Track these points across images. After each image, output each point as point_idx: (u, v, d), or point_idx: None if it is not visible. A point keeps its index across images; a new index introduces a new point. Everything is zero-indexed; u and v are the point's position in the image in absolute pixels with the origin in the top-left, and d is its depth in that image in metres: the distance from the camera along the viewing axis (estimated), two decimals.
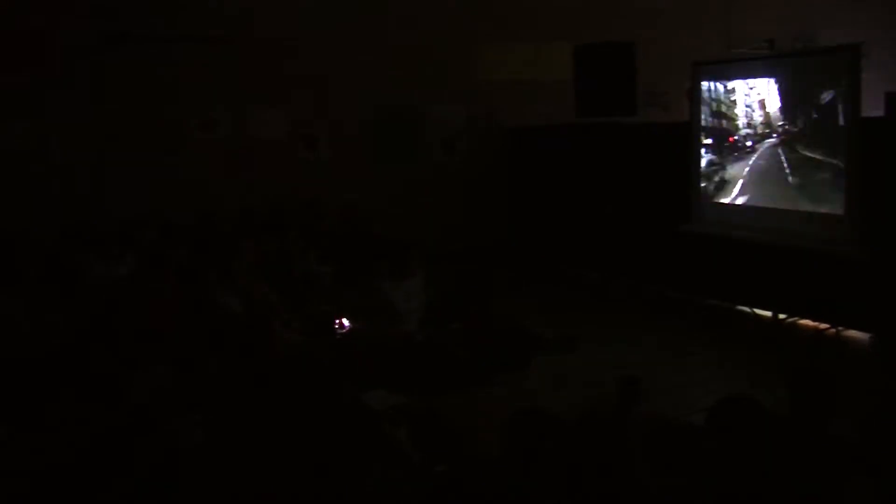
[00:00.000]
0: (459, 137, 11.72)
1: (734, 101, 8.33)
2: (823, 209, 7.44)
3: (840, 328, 7.74)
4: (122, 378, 5.12)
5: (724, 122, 8.46)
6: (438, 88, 11.27)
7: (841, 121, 7.20)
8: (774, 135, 7.89)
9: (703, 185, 8.71)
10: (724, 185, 8.52)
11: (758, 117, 8.07)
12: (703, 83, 8.66)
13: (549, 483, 3.61)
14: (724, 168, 8.51)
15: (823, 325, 7.86)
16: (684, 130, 8.92)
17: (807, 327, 8.00)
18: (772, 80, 7.92)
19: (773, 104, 7.90)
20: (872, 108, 7.26)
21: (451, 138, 11.69)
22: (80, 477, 4.13)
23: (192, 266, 7.94)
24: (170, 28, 9.94)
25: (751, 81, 8.14)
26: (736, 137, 8.32)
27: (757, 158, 8.11)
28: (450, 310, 7.56)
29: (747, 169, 8.24)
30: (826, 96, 7.37)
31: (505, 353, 7.11)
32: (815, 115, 7.48)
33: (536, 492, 3.55)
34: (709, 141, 8.64)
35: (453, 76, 11.31)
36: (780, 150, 7.86)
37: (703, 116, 8.68)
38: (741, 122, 8.25)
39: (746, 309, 8.59)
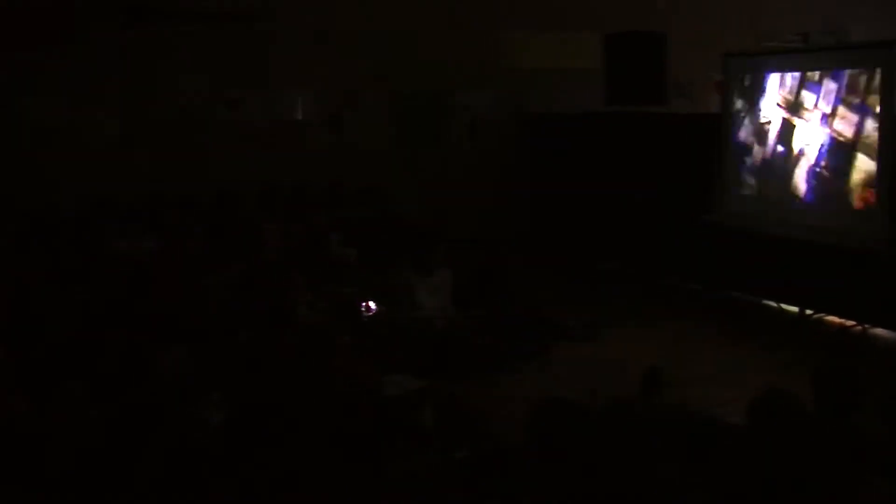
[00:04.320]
0: (485, 124, 11.66)
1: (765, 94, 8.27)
2: (853, 205, 7.36)
3: (867, 326, 7.67)
4: (145, 356, 5.15)
5: (757, 114, 8.39)
6: (465, 74, 11.22)
7: (874, 116, 7.12)
8: (806, 128, 7.81)
9: (730, 177, 8.63)
10: (750, 179, 8.45)
11: (787, 111, 7.99)
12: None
13: (569, 472, 3.59)
14: (751, 161, 8.44)
15: (850, 322, 7.79)
16: (712, 122, 8.85)
17: (833, 324, 7.93)
18: (806, 74, 7.84)
19: (806, 98, 7.81)
20: None
21: (477, 125, 11.63)
22: (103, 454, 4.15)
23: (214, 246, 7.98)
24: (195, 6, 9.93)
25: (786, 75, 8.06)
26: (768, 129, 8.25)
27: (786, 152, 8.04)
28: (472, 297, 7.56)
29: (775, 162, 8.16)
30: (859, 92, 7.28)
31: (526, 340, 7.12)
32: (847, 111, 7.39)
33: (557, 480, 3.53)
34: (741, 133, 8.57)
35: (480, 63, 11.23)
36: (811, 144, 7.78)
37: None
38: (772, 114, 8.18)
39: (772, 303, 8.53)
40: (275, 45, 10.27)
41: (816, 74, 7.74)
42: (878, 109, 7.08)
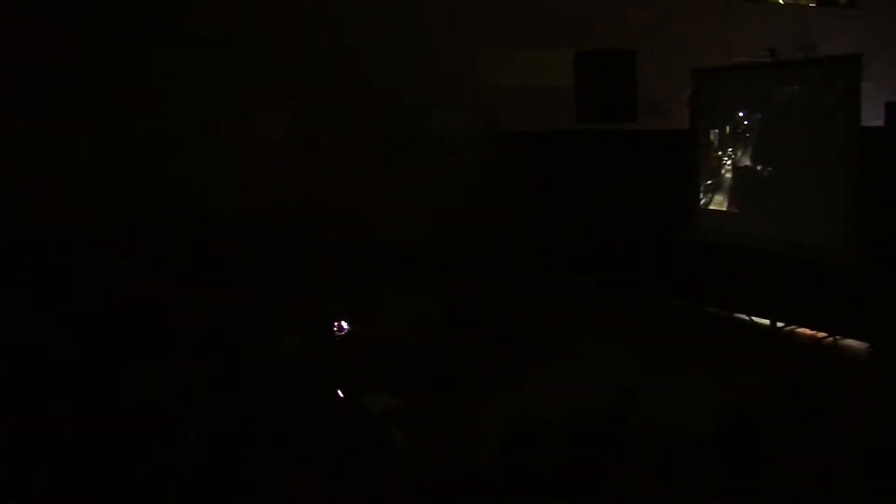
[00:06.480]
0: (461, 143, 11.72)
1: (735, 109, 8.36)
2: (822, 218, 7.45)
3: (838, 337, 7.75)
4: (124, 379, 5.14)
5: (726, 131, 8.48)
6: (441, 94, 11.29)
7: (841, 130, 7.22)
8: (773, 143, 7.91)
9: (702, 192, 8.72)
10: (723, 193, 8.54)
11: (757, 126, 8.09)
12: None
13: (544, 489, 3.62)
14: (722, 176, 8.52)
15: (821, 334, 7.87)
16: (684, 138, 8.94)
17: (805, 336, 8.01)
18: (772, 89, 7.94)
19: (773, 111, 7.91)
20: (872, 117, 7.28)
21: (453, 144, 11.69)
22: (85, 477, 4.15)
23: (191, 268, 7.98)
24: (171, 28, 9.94)
25: (752, 90, 8.17)
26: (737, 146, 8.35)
27: (756, 167, 8.13)
28: (449, 315, 7.58)
29: (746, 177, 8.25)
30: (826, 105, 7.38)
31: (503, 359, 7.14)
32: (815, 124, 7.49)
33: (531, 498, 3.56)
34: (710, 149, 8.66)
35: (456, 82, 11.33)
36: (779, 159, 7.88)
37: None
38: (742, 130, 8.28)
39: (745, 317, 8.60)
40: (250, 66, 10.29)
41: (783, 89, 7.84)
42: (843, 122, 7.19)
